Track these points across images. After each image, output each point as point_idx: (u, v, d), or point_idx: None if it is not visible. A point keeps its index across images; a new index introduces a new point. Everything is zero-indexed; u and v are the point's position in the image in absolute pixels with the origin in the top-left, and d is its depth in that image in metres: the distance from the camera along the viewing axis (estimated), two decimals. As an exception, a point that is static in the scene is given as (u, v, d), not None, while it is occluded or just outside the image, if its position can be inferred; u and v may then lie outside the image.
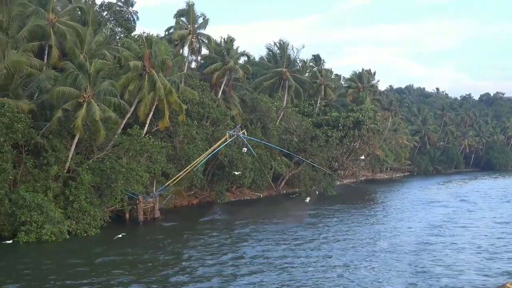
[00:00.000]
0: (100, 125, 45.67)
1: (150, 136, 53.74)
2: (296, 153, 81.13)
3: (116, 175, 47.74)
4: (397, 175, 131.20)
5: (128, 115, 52.21)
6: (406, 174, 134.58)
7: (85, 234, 46.00)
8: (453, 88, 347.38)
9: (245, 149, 64.22)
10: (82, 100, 45.53)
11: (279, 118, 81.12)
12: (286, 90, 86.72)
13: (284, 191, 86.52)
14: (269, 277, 33.89)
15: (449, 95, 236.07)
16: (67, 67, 46.42)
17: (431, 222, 56.20)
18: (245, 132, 64.22)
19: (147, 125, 55.75)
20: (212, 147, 60.46)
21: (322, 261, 38.29)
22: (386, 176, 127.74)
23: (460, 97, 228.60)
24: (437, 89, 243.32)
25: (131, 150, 50.45)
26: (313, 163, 77.81)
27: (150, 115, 55.51)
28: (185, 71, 66.94)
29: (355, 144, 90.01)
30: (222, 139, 60.94)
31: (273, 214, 61.80)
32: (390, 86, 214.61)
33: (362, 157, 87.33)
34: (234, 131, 61.52)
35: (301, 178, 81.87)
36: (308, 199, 61.26)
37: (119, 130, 51.37)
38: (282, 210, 63.39)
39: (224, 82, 73.61)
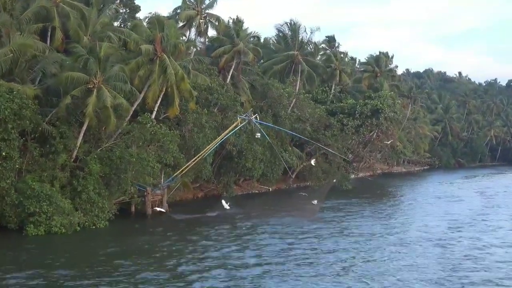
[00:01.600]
0: (111, 112, 48.96)
1: (161, 124, 56.95)
2: (309, 142, 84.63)
3: (125, 165, 51.12)
4: (416, 168, 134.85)
5: (138, 101, 55.48)
6: (425, 167, 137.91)
7: (93, 227, 49.51)
8: (477, 72, 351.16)
9: (258, 134, 67.55)
10: (92, 86, 48.82)
11: (291, 106, 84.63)
12: (299, 75, 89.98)
13: (295, 185, 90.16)
14: (292, 270, 37.37)
15: (473, 80, 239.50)
16: (76, 50, 49.59)
17: (456, 219, 59.75)
18: (257, 116, 67.37)
19: (155, 112, 59.06)
20: (222, 134, 63.63)
21: (344, 256, 41.76)
22: (403, 170, 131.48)
23: (485, 82, 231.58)
24: (459, 73, 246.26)
25: (141, 139, 53.77)
26: (333, 151, 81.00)
27: (158, 102, 58.82)
28: (192, 55, 70.10)
29: (372, 134, 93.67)
30: (234, 124, 64.20)
31: (284, 208, 65.44)
32: (407, 70, 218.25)
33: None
34: (246, 115, 64.72)
35: (313, 171, 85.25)
36: (315, 201, 64.11)
37: (128, 118, 54.53)
38: (293, 204, 66.70)
39: (233, 67, 76.77)
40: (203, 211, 60.51)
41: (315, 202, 62.69)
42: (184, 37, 71.59)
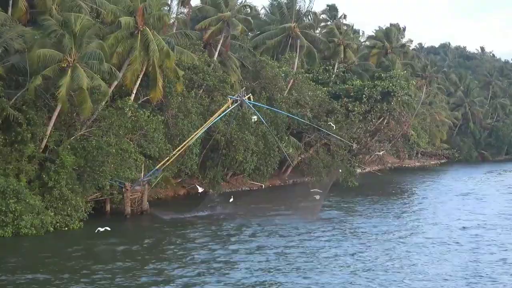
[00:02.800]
0: (86, 95, 51.69)
1: (144, 110, 59.92)
2: (309, 130, 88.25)
3: (103, 156, 54.07)
4: (432, 162, 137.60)
5: (116, 83, 58.37)
6: (442, 161, 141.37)
7: (65, 228, 52.34)
8: (503, 47, 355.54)
9: (255, 117, 70.41)
10: (65, 65, 51.56)
11: (288, 87, 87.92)
12: (297, 51, 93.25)
13: (291, 181, 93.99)
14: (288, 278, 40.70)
15: (498, 57, 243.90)
16: (47, 24, 52.17)
17: (485, 220, 63.59)
18: (251, 97, 70.12)
19: (133, 95, 62.04)
20: (211, 118, 66.61)
21: (358, 260, 45.23)
22: (417, 164, 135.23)
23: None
24: (482, 48, 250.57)
25: (121, 126, 56.73)
26: (342, 139, 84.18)
27: (138, 83, 61.77)
28: (174, 29, 72.95)
29: (382, 121, 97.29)
30: (224, 107, 67.12)
31: (280, 206, 68.96)
32: (420, 44, 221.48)
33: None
34: (238, 95, 67.39)
35: (312, 164, 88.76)
36: (318, 197, 67.24)
37: (104, 102, 57.33)
38: (291, 203, 70.03)
39: (221, 41, 79.72)
40: (189, 210, 63.57)
41: (317, 197, 66.13)
42: (166, 7, 74.35)
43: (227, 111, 67.18)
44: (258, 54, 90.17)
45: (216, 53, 79.69)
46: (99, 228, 50.02)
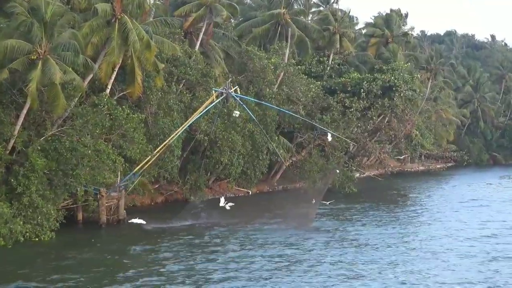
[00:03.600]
0: (59, 91, 53.32)
1: (123, 107, 61.80)
2: (301, 130, 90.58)
3: (78, 159, 55.85)
4: (437, 166, 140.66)
5: (90, 77, 60.19)
6: (449, 164, 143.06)
7: (36, 239, 53.93)
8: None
9: (237, 113, 72.10)
10: (35, 57, 53.27)
11: (278, 81, 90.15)
12: (288, 41, 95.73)
13: (280, 187, 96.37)
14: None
15: (511, 46, 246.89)
16: (15, 11, 53.80)
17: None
18: (238, 89, 71.60)
19: (108, 90, 63.92)
20: (194, 114, 68.53)
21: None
22: (421, 168, 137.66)
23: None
24: (492, 36, 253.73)
25: (98, 125, 58.53)
26: (344, 138, 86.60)
27: (113, 77, 63.63)
28: (152, 16, 74.74)
29: (382, 119, 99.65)
30: (208, 101, 68.80)
31: (271, 215, 71.11)
32: (422, 32, 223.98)
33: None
34: (224, 88, 69.14)
35: (305, 168, 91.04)
36: (314, 200, 69.06)
37: (76, 99, 59.05)
38: (283, 211, 71.89)
39: (203, 29, 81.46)
40: (170, 219, 65.57)
41: (313, 201, 68.24)
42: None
43: (211, 105, 68.77)
44: (244, 44, 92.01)
45: (198, 43, 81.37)
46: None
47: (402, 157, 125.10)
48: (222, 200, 65.72)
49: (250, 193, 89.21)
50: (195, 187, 79.69)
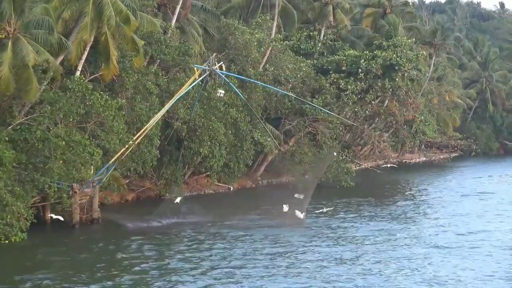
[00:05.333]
0: (32, 74, 56.71)
1: (102, 92, 65.27)
2: (289, 115, 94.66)
3: (50, 151, 59.35)
4: (441, 156, 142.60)
5: (61, 57, 63.47)
6: (454, 154, 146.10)
7: (6, 241, 57.13)
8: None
9: (222, 92, 75.36)
10: (4, 36, 56.68)
11: (264, 60, 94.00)
12: (276, 13, 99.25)
13: (265, 181, 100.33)
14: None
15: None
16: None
17: None
18: (223, 65, 74.73)
19: (78, 72, 67.17)
20: (176, 95, 72.01)
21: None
22: (423, 158, 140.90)
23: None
24: (501, 4, 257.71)
25: (73, 113, 62.08)
26: (343, 118, 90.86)
27: (84, 57, 67.03)
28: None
29: (381, 103, 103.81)
30: (191, 80, 72.34)
31: (259, 212, 75.15)
32: (421, 0, 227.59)
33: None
34: (207, 64, 72.34)
35: (295, 158, 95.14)
36: (301, 195, 71.88)
37: (46, 82, 62.19)
38: (271, 208, 75.22)
39: (180, 1, 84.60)
40: (148, 217, 69.40)
41: (301, 196, 71.12)
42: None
43: (194, 83, 72.08)
44: (222, 17, 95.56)
45: (175, 17, 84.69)
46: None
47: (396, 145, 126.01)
48: (285, 207, 68.82)
49: (231, 189, 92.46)
50: (171, 182, 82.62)
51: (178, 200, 70.50)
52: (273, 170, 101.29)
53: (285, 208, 68.51)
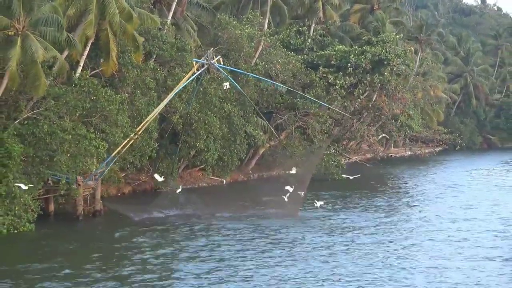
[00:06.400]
0: (40, 70, 58.88)
1: (106, 88, 67.63)
2: (280, 110, 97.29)
3: (57, 144, 61.70)
4: (426, 150, 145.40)
5: (66, 53, 65.73)
6: (438, 149, 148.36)
7: (15, 231, 59.46)
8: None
9: (227, 84, 77.06)
10: (13, 33, 58.96)
11: (257, 54, 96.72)
12: (267, 9, 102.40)
13: (256, 175, 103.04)
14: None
15: (505, 11, 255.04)
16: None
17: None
18: (221, 59, 76.78)
19: (80, 67, 69.60)
20: (176, 88, 74.05)
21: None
22: (408, 152, 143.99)
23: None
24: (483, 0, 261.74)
25: (78, 107, 64.43)
26: (341, 111, 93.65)
27: (86, 53, 69.38)
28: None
29: (369, 97, 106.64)
30: (189, 73, 74.34)
31: (259, 204, 76.88)
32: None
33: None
34: (206, 58, 74.27)
35: (287, 152, 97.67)
36: (291, 187, 73.45)
37: (51, 78, 64.60)
38: (270, 199, 77.38)
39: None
40: (149, 208, 71.48)
41: (291, 188, 71.01)
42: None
43: (192, 77, 73.86)
44: (217, 13, 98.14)
45: (170, 14, 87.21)
46: None
47: (380, 137, 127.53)
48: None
49: (224, 182, 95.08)
50: (166, 175, 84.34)
51: (178, 190, 72.32)
52: (263, 164, 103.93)
53: (290, 189, 70.23)
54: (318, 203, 72.57)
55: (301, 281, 47.46)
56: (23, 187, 59.71)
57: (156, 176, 71.79)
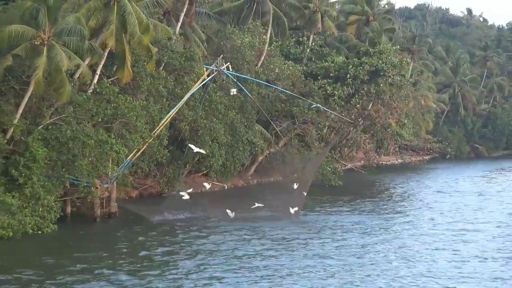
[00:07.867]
0: (65, 78, 62.12)
1: (126, 95, 70.98)
2: (280, 117, 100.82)
3: (79, 149, 65.12)
4: (415, 158, 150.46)
5: (87, 62, 68.98)
6: (426, 157, 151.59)
7: (39, 232, 62.56)
8: (498, 9, 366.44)
9: (234, 90, 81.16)
10: (39, 43, 62.31)
11: (260, 63, 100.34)
12: (270, 20, 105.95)
13: (255, 181, 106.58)
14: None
15: (492, 23, 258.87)
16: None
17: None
18: (230, 66, 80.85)
19: (96, 76, 72.77)
20: (187, 93, 77.75)
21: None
22: (399, 160, 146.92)
23: (509, 25, 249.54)
24: (469, 11, 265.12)
25: (100, 114, 67.82)
26: (346, 118, 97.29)
27: (103, 62, 72.65)
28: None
29: (364, 106, 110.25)
30: (200, 79, 78.27)
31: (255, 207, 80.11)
32: (390, 5, 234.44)
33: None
34: (215, 65, 78.37)
35: (286, 159, 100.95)
36: (295, 185, 76.66)
37: (72, 85, 67.72)
38: (277, 202, 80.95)
39: (184, 9, 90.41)
40: (162, 211, 74.92)
41: (295, 186, 75.69)
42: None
43: (203, 83, 77.94)
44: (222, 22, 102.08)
45: (179, 25, 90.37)
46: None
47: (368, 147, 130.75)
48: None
49: (225, 187, 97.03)
50: (173, 180, 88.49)
51: (186, 197, 74.85)
52: (262, 171, 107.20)
53: (295, 186, 74.76)
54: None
55: (301, 279, 50.48)
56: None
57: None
